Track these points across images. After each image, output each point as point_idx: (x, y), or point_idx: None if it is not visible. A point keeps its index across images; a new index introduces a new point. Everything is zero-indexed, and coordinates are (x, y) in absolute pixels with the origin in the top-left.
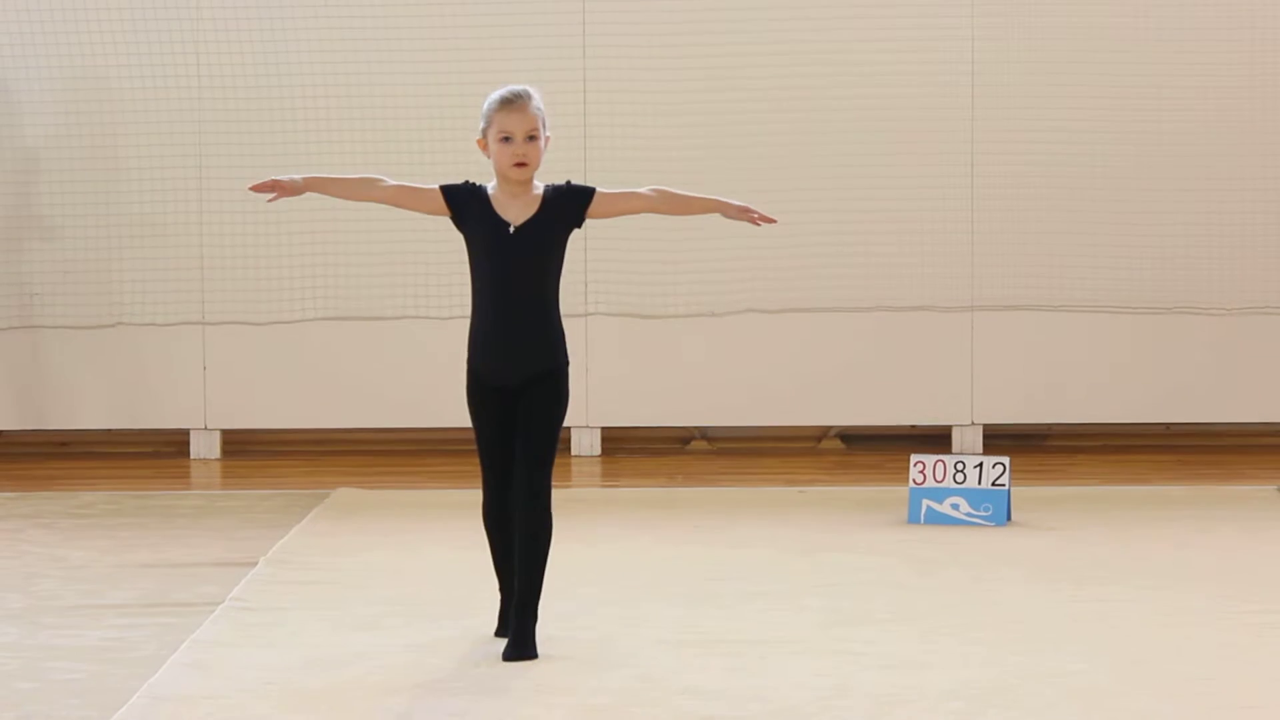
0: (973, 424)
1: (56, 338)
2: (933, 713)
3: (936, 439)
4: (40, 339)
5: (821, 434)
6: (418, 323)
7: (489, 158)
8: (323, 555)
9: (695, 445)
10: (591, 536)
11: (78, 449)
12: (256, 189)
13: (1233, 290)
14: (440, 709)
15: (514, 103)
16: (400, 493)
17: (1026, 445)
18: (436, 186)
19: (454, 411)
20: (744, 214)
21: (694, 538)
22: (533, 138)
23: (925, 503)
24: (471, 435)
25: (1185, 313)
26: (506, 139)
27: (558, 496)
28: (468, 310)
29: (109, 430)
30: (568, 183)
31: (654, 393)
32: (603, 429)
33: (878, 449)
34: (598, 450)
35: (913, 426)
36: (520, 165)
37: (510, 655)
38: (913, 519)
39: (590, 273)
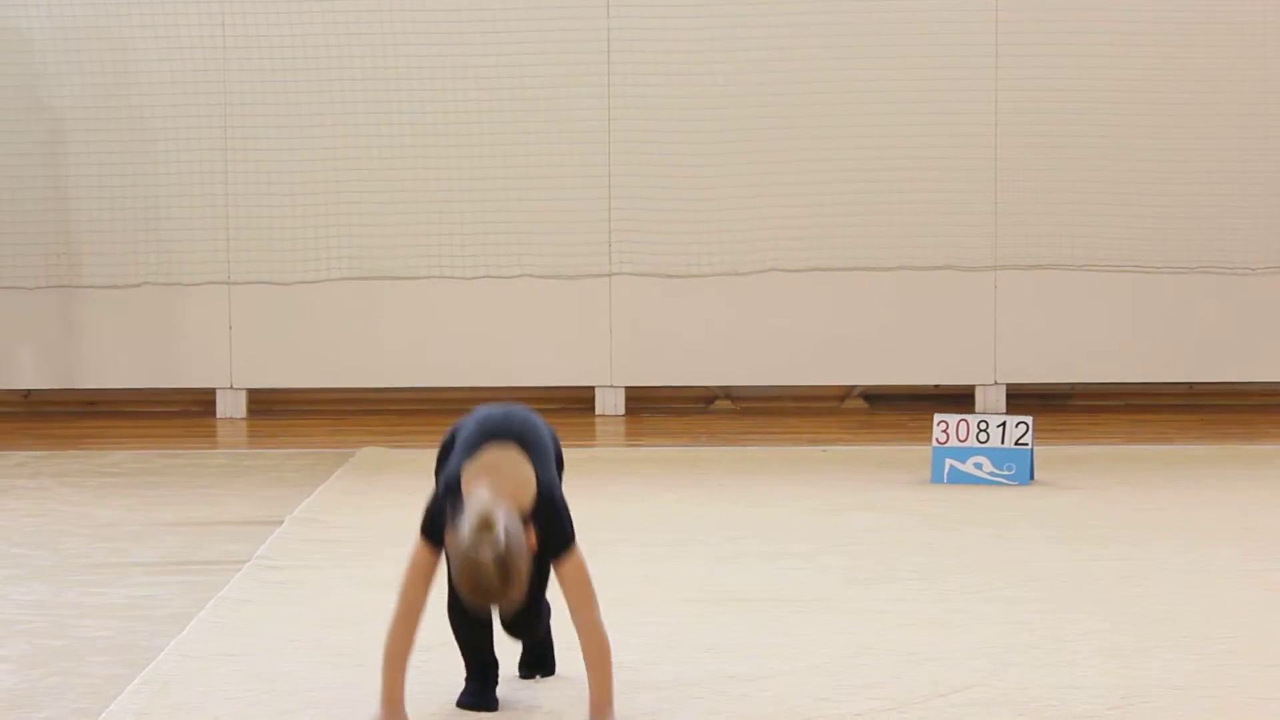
0: (996, 384)
1: (84, 298)
2: (956, 671)
3: (960, 398)
4: (68, 299)
5: (845, 394)
6: (441, 283)
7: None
8: (348, 514)
9: (719, 405)
10: (615, 495)
11: (105, 408)
12: None
13: (1257, 250)
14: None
15: (479, 605)
16: (425, 452)
17: (1050, 405)
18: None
19: (477, 371)
20: None
21: (717, 496)
22: None
23: (948, 462)
24: (494, 393)
25: (1209, 272)
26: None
27: (582, 454)
28: (490, 270)
29: (136, 390)
30: (548, 514)
31: (678, 352)
32: (627, 389)
33: (901, 408)
34: (622, 410)
35: (936, 386)
36: None
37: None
38: (936, 478)
39: (614, 233)
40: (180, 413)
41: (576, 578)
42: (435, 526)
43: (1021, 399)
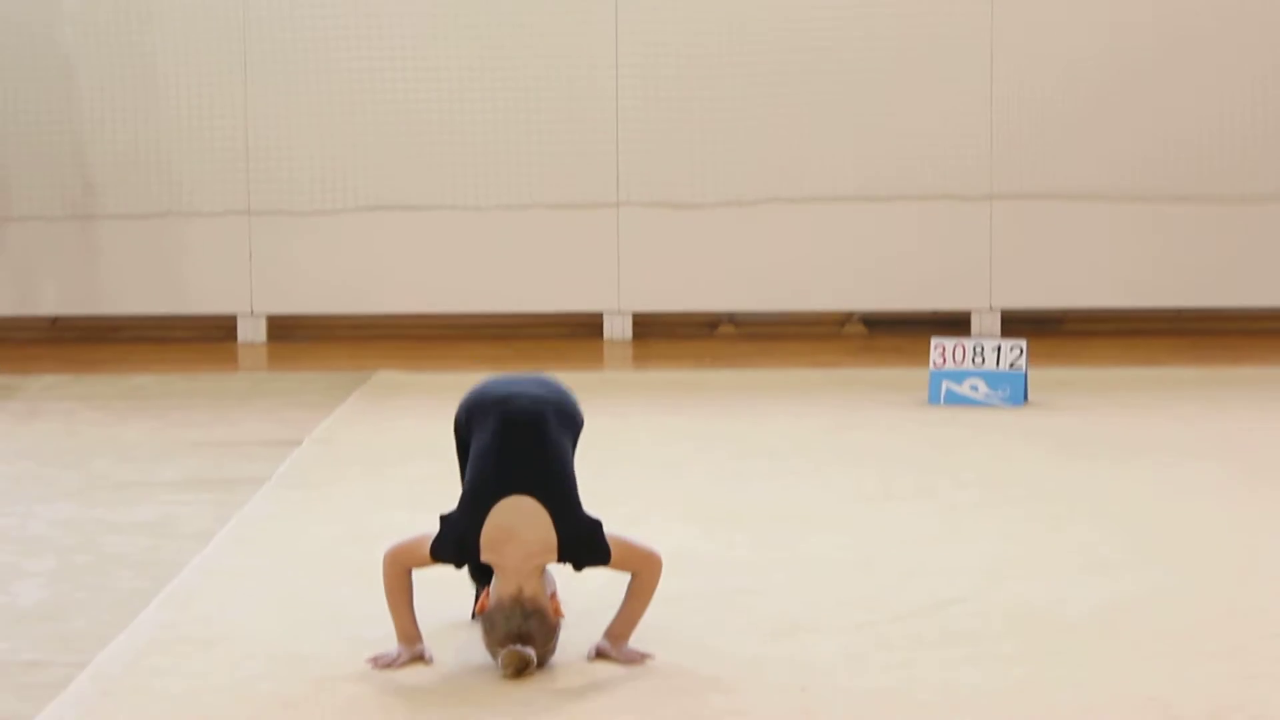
0: (991, 309)
1: (108, 227)
2: (953, 584)
3: (956, 323)
4: (92, 228)
5: (845, 319)
6: (455, 212)
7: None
8: (364, 434)
9: (723, 329)
10: (622, 416)
11: (129, 334)
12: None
13: (1244, 179)
14: None
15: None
16: (438, 375)
17: (1043, 329)
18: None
19: (489, 297)
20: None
21: (721, 417)
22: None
23: (945, 384)
24: (505, 318)
25: (1198, 200)
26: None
27: (590, 378)
28: (502, 200)
29: (159, 316)
30: (578, 554)
31: (683, 279)
32: (634, 314)
33: (899, 333)
34: (629, 335)
35: (933, 311)
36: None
37: None
38: (933, 400)
39: (621, 164)
40: (202, 338)
41: (624, 556)
42: (442, 553)
43: (1016, 323)
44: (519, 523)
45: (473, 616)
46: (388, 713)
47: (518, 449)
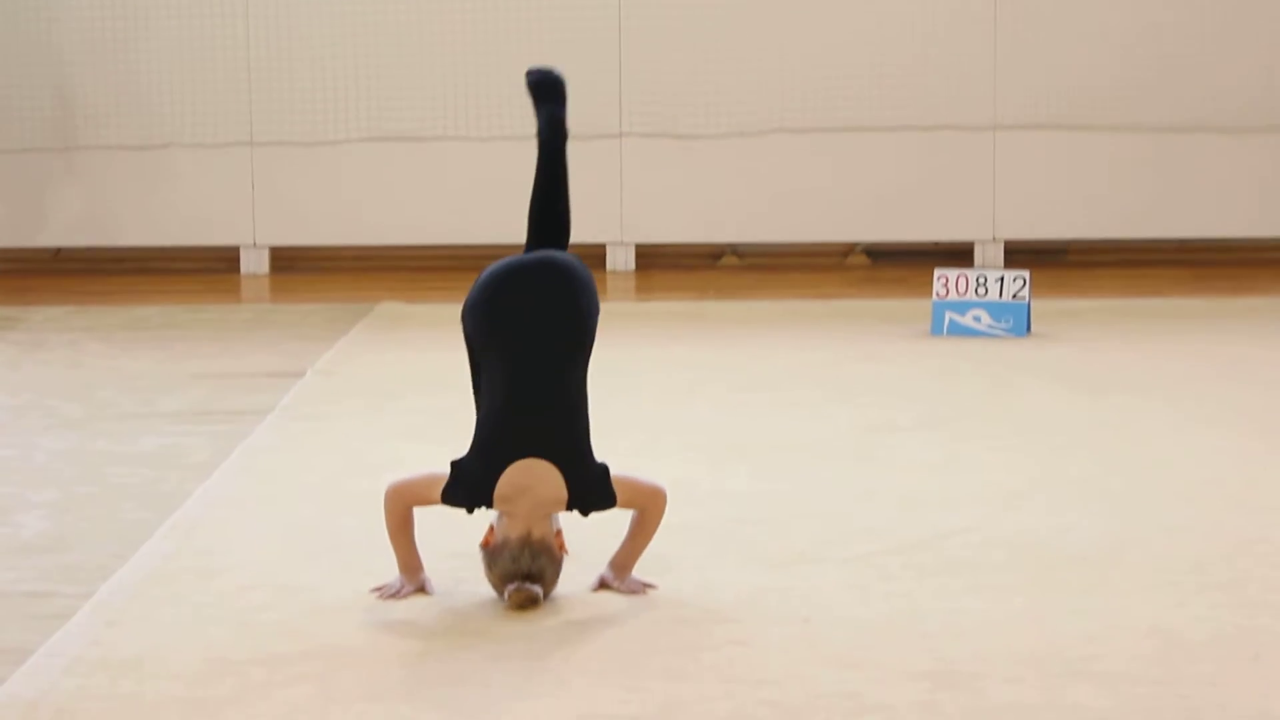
0: (994, 239)
1: (111, 158)
2: (956, 514)
3: (959, 254)
4: (95, 160)
5: (848, 250)
6: (457, 142)
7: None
8: (368, 366)
9: (726, 260)
10: (625, 347)
11: (132, 266)
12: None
13: (1249, 109)
14: (479, 510)
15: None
16: (440, 307)
17: (1046, 260)
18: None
19: (492, 228)
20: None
21: (724, 349)
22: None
23: (948, 315)
24: (508, 249)
25: (1202, 131)
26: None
27: None
28: (504, 131)
29: (163, 248)
30: (586, 502)
31: (686, 210)
32: (636, 245)
33: (902, 264)
34: (632, 266)
35: (936, 242)
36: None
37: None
38: (936, 331)
39: (624, 93)
40: (205, 270)
41: (630, 496)
42: (453, 499)
43: (1019, 254)
44: (532, 481)
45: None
46: (392, 642)
47: (530, 407)
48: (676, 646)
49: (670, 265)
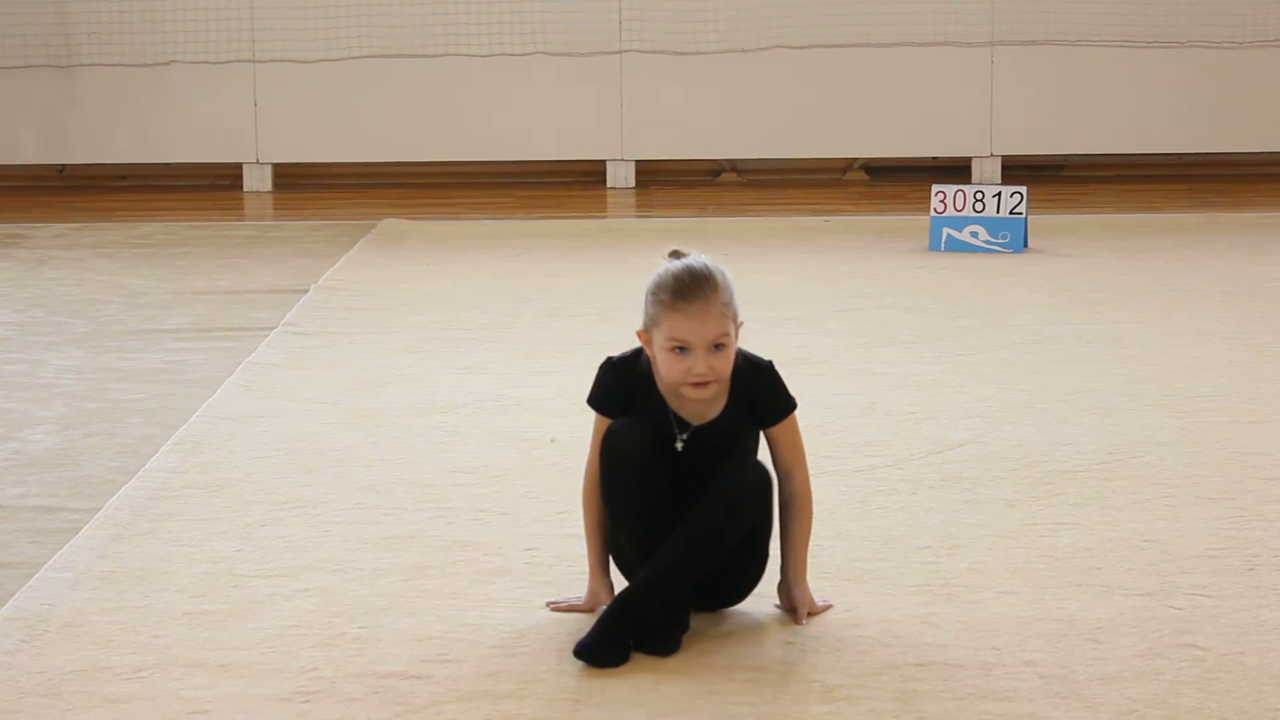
0: (991, 155)
1: (113, 76)
2: (953, 428)
3: (956, 170)
4: (98, 77)
5: (846, 166)
6: (458, 60)
7: (651, 357)
8: (370, 282)
9: (725, 177)
10: (625, 264)
11: (136, 182)
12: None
13: (1243, 24)
14: (479, 424)
15: (691, 298)
16: (442, 223)
17: (1043, 175)
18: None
19: (492, 145)
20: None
21: (724, 265)
22: (721, 345)
23: (946, 230)
24: (509, 166)
25: (1197, 46)
26: (681, 349)
27: (594, 225)
28: (504, 48)
29: (166, 164)
30: (763, 369)
31: (686, 127)
32: (636, 162)
33: (900, 180)
34: (632, 182)
35: (934, 158)
36: (702, 385)
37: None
38: (933, 246)
39: (624, 10)
40: (208, 186)
41: (794, 440)
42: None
43: (1016, 170)
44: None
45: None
46: (394, 556)
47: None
48: None
49: (670, 182)
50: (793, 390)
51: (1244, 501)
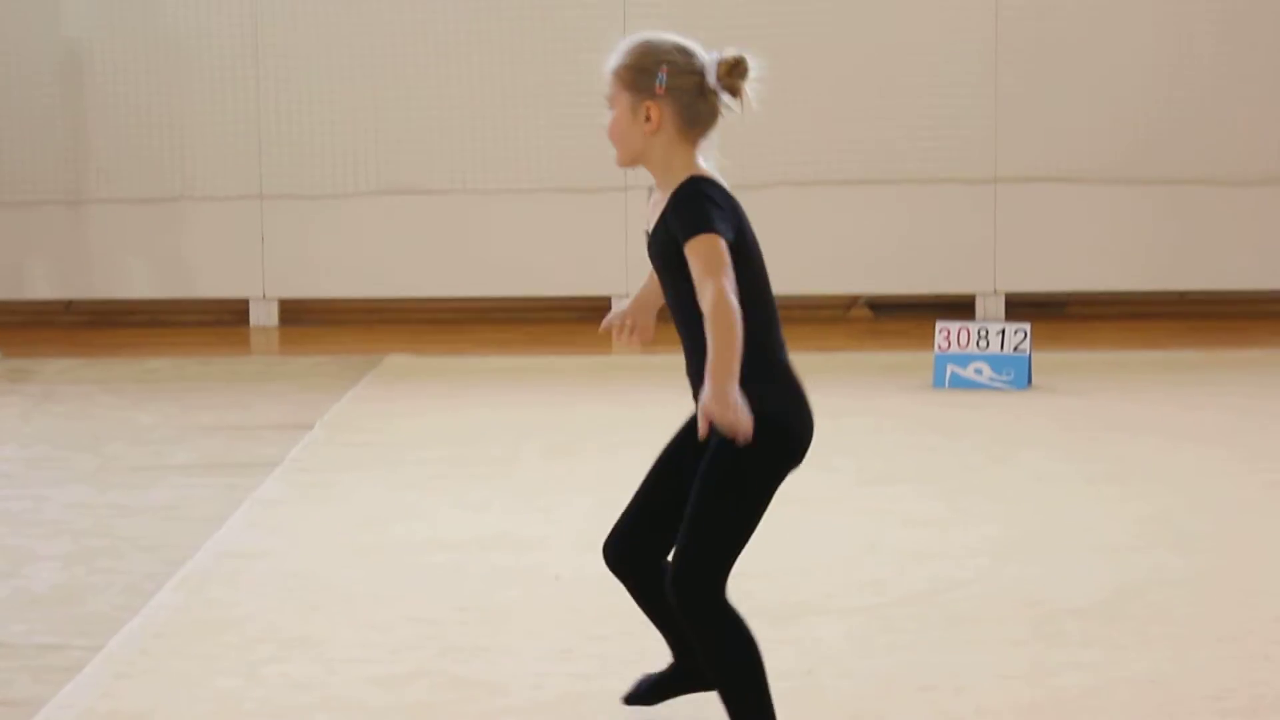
0: (995, 292)
1: (122, 211)
2: (958, 567)
3: (961, 307)
4: (107, 213)
5: (851, 302)
6: (464, 196)
7: None
8: (375, 418)
9: None
10: (630, 402)
11: (143, 317)
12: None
13: (1245, 163)
14: (483, 561)
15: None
16: (447, 359)
17: (1047, 313)
18: None
19: (498, 281)
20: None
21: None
22: (612, 109)
23: (950, 368)
24: (514, 302)
25: (1199, 184)
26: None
27: (599, 361)
28: (512, 185)
29: (173, 300)
30: (689, 191)
31: None
32: None
33: (904, 316)
34: None
35: (938, 295)
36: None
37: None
38: (938, 383)
39: None
40: (215, 322)
41: (697, 263)
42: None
43: (1020, 307)
44: None
45: None
46: (399, 695)
47: None
48: (681, 699)
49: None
50: (797, 527)
51: (1250, 642)
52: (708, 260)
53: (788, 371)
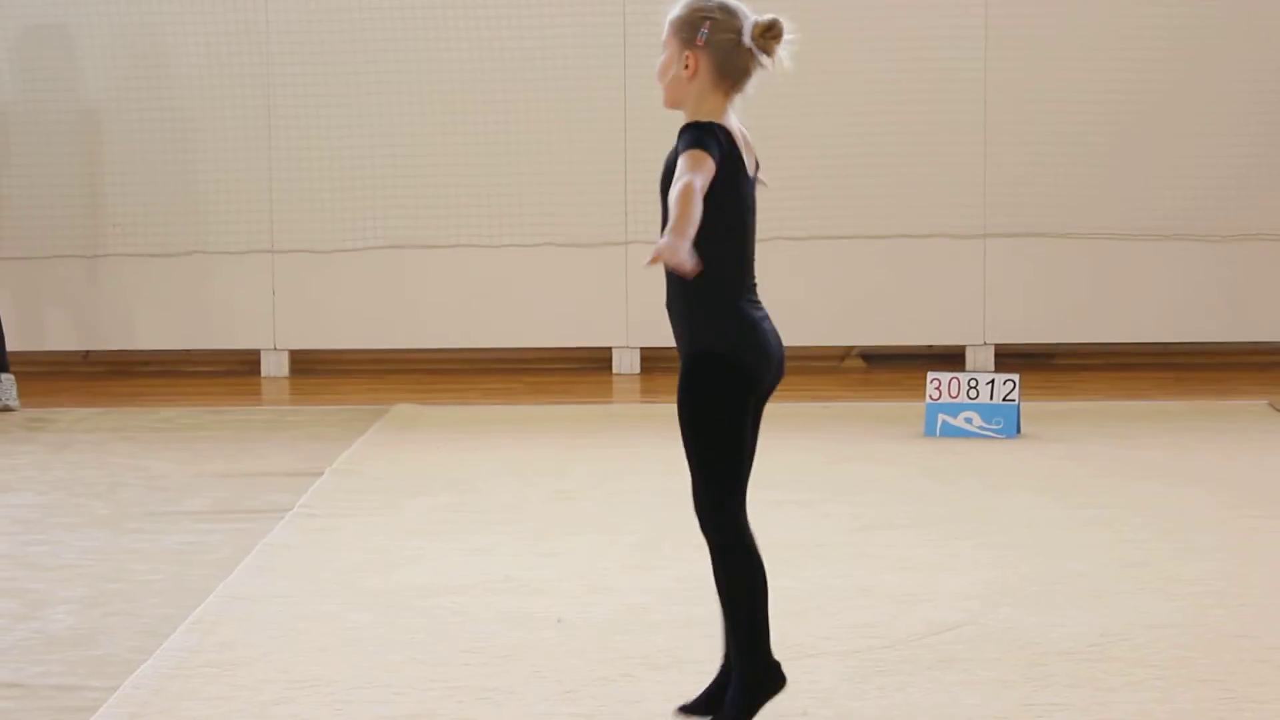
0: (985, 344)
1: (138, 265)
2: (949, 611)
3: (951, 358)
4: (124, 267)
5: (844, 354)
6: (470, 250)
7: None
8: (383, 465)
9: None
10: (630, 449)
11: (158, 368)
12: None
13: (1227, 219)
14: (488, 605)
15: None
16: (454, 408)
17: (1035, 364)
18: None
19: (502, 333)
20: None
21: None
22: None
23: (941, 417)
24: (518, 353)
25: (1182, 239)
26: None
27: (599, 411)
28: (515, 240)
29: (187, 351)
30: (696, 125)
31: None
32: (641, 349)
33: (896, 367)
34: (637, 368)
35: (929, 346)
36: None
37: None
38: (929, 432)
39: (629, 204)
40: (227, 372)
41: (681, 163)
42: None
43: (1009, 358)
44: None
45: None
46: None
47: None
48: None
49: (674, 368)
50: (792, 572)
51: (1234, 684)
52: (689, 162)
53: (741, 309)
